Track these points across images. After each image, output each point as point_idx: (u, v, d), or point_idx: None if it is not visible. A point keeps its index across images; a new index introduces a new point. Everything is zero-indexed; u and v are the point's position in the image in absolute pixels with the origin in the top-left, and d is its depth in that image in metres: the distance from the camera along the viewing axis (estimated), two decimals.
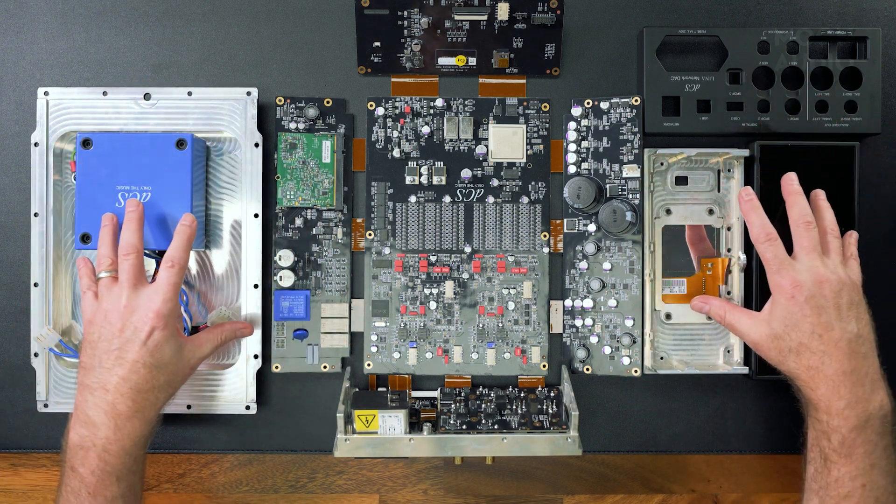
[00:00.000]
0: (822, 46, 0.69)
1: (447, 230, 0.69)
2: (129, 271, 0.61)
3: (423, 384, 0.70)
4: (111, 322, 0.60)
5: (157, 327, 0.60)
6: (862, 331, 0.59)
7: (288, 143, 0.68)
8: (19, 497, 0.71)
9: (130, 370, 0.59)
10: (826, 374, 0.58)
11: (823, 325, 0.59)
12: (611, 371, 0.69)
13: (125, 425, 0.59)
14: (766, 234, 0.61)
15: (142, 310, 0.60)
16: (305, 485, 0.71)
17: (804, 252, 0.60)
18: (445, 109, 0.69)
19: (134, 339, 0.59)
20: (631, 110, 0.68)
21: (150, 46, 0.70)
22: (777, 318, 0.60)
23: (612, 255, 0.68)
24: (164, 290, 0.61)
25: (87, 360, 0.60)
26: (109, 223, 0.64)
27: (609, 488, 0.71)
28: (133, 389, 0.59)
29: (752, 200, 0.63)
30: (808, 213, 0.62)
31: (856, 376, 0.58)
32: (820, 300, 0.59)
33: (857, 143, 0.67)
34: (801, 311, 0.59)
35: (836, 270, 0.60)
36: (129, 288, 0.61)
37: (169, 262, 0.62)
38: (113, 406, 0.59)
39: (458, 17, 0.67)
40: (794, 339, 0.59)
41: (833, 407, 0.58)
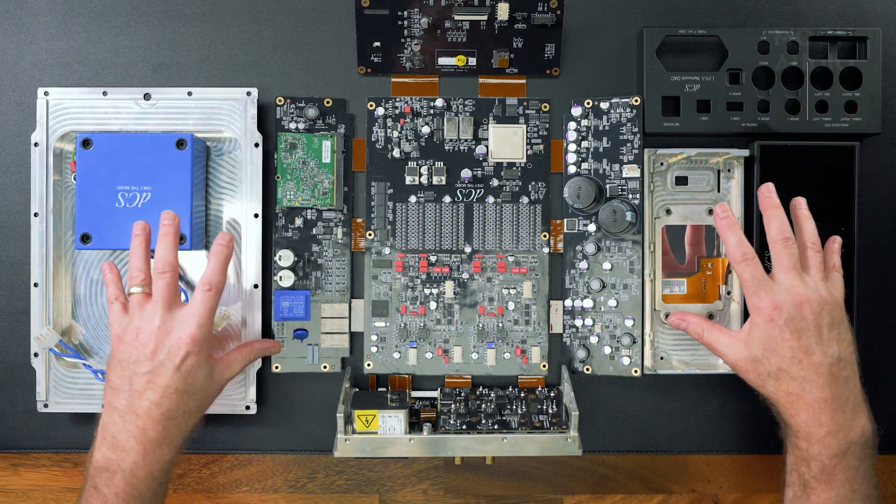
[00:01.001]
0: (822, 46, 0.69)
1: (447, 230, 0.69)
2: (164, 290, 0.59)
3: (423, 384, 0.70)
4: (143, 343, 0.58)
5: (191, 352, 0.58)
6: (843, 353, 0.58)
7: (288, 143, 0.68)
8: (19, 497, 0.71)
9: (162, 395, 0.57)
10: (806, 400, 0.57)
11: (804, 350, 0.57)
12: (611, 371, 0.69)
13: (154, 451, 0.57)
14: (742, 254, 0.59)
15: (176, 333, 0.58)
16: (305, 485, 0.71)
17: (783, 271, 0.58)
18: (445, 109, 0.69)
19: (167, 364, 0.57)
20: (631, 110, 0.68)
21: (150, 46, 0.70)
22: (756, 340, 0.58)
23: (612, 255, 0.68)
24: (200, 314, 0.59)
25: (116, 379, 0.58)
26: (142, 233, 0.61)
27: (609, 488, 0.71)
28: (164, 416, 0.57)
29: (727, 218, 0.60)
30: (786, 228, 0.59)
31: (837, 403, 0.56)
32: (800, 322, 0.57)
33: (857, 143, 0.67)
34: (781, 334, 0.57)
35: (818, 289, 0.58)
36: (164, 308, 0.59)
37: (206, 284, 0.60)
38: (143, 432, 0.57)
39: (458, 17, 0.67)
40: (774, 364, 0.57)
41: (813, 434, 0.56)
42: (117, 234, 0.65)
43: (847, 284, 0.66)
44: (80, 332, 0.69)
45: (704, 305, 0.69)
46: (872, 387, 0.70)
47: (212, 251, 0.62)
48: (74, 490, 0.71)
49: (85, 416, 0.69)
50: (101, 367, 0.68)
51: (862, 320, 0.68)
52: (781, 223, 0.60)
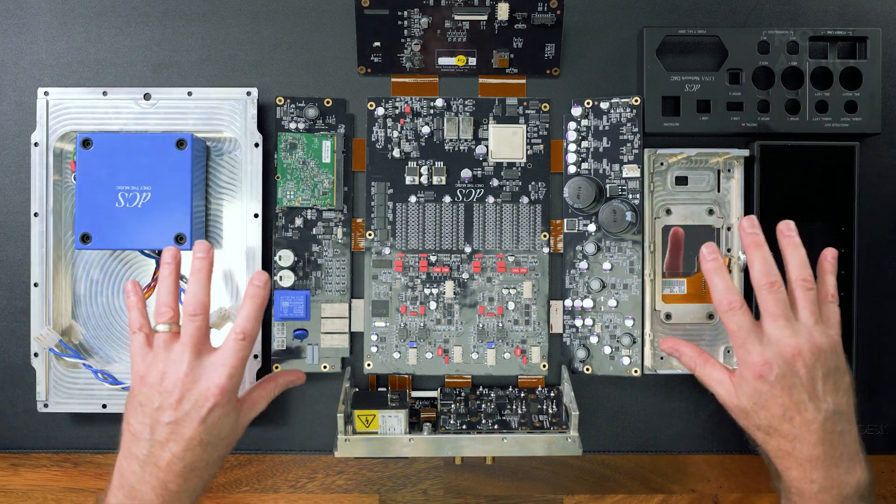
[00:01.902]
0: (822, 46, 0.69)
1: (447, 230, 0.69)
2: (194, 334, 0.56)
3: (423, 384, 0.70)
4: (168, 390, 0.55)
5: (218, 404, 0.55)
6: (839, 404, 0.55)
7: (288, 143, 0.68)
8: (19, 497, 0.71)
9: (186, 448, 0.54)
10: (797, 458, 0.54)
11: (795, 406, 0.54)
12: (611, 371, 0.69)
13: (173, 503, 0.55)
14: (728, 303, 0.56)
15: (204, 382, 0.55)
16: (305, 485, 0.71)
17: (771, 320, 0.55)
18: (445, 109, 0.69)
19: (192, 415, 0.55)
20: (631, 110, 0.68)
21: (150, 46, 0.70)
22: (744, 393, 0.56)
23: (612, 255, 0.68)
24: (231, 364, 0.56)
25: (136, 425, 0.55)
26: (172, 261, 0.58)
27: (609, 488, 0.71)
28: (186, 468, 0.55)
29: (715, 261, 0.58)
30: (771, 270, 0.56)
31: (830, 459, 0.54)
32: (791, 378, 0.54)
33: (857, 143, 0.67)
34: (771, 391, 0.54)
35: (811, 336, 0.55)
36: (193, 353, 0.56)
37: (241, 334, 0.56)
38: (164, 485, 0.55)
39: (458, 17, 0.67)
40: (763, 420, 0.55)
41: (806, 491, 0.55)
42: (117, 234, 0.65)
43: (847, 284, 0.66)
44: (80, 332, 0.69)
45: (704, 305, 0.69)
46: (873, 387, 0.70)
47: (247, 293, 0.58)
48: (74, 490, 0.71)
49: (85, 416, 0.69)
50: (101, 367, 0.68)
51: (862, 320, 0.68)
52: (765, 264, 0.57)
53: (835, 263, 0.60)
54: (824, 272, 0.60)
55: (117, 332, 0.69)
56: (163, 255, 0.59)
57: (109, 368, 0.68)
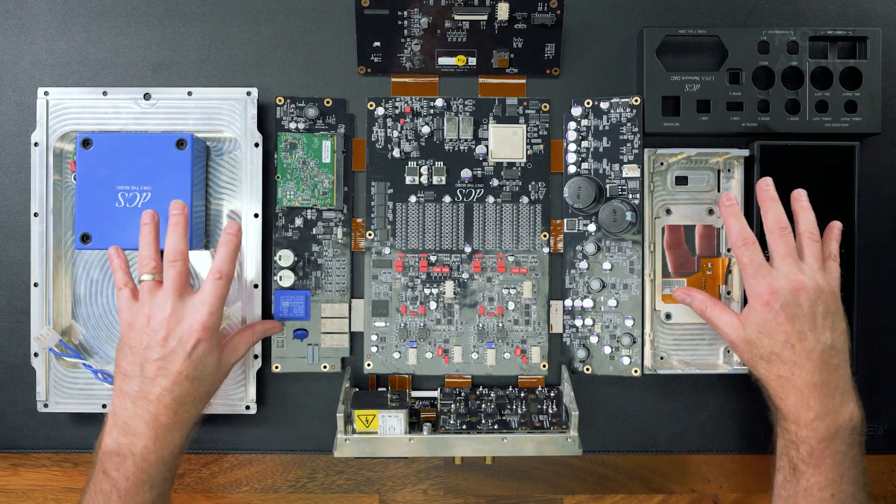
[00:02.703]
0: (822, 46, 0.69)
1: (447, 230, 0.69)
2: (175, 278, 0.60)
3: (423, 384, 0.70)
4: (154, 330, 0.59)
5: (202, 339, 0.59)
6: (836, 341, 0.58)
7: (288, 143, 0.68)
8: (19, 497, 0.71)
9: (174, 382, 0.58)
10: (796, 384, 0.58)
11: (797, 335, 0.58)
12: (611, 371, 0.69)
13: (165, 436, 0.58)
14: (743, 239, 0.60)
15: (187, 320, 0.59)
16: (305, 485, 0.71)
17: (780, 258, 0.60)
18: (445, 109, 0.69)
19: (178, 351, 0.58)
20: (631, 110, 0.68)
21: (150, 46, 0.70)
22: (751, 323, 0.59)
23: (612, 255, 0.68)
24: (211, 302, 0.60)
25: (126, 365, 0.59)
26: (150, 221, 0.62)
27: (609, 488, 0.71)
28: (175, 401, 0.58)
29: (732, 206, 0.62)
30: (783, 218, 0.61)
31: (826, 388, 0.57)
32: (795, 308, 0.58)
33: (857, 143, 0.67)
34: (776, 318, 0.58)
35: (815, 277, 0.59)
36: (175, 296, 0.60)
37: (217, 273, 0.61)
38: (155, 417, 0.58)
39: (458, 17, 0.67)
40: (766, 347, 0.59)
41: (802, 418, 0.57)
42: (117, 233, 0.65)
43: (847, 284, 0.66)
44: (80, 332, 0.69)
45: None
46: (872, 387, 0.70)
47: (221, 241, 0.63)
48: (75, 490, 0.71)
49: (85, 416, 0.69)
50: (101, 367, 0.68)
51: (862, 320, 0.68)
52: (778, 213, 0.61)
53: (839, 234, 0.64)
54: (830, 238, 0.63)
55: (117, 332, 0.69)
56: (142, 216, 0.62)
57: (109, 368, 0.68)
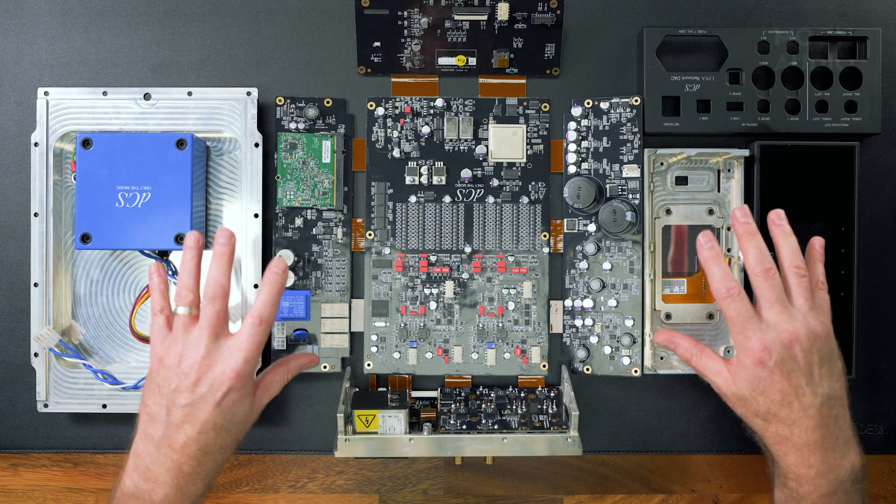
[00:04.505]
0: (822, 46, 0.69)
1: (447, 230, 0.69)
2: (213, 318, 0.57)
3: (423, 384, 0.70)
4: (185, 372, 0.56)
5: (233, 388, 0.56)
6: (833, 389, 0.56)
7: (288, 143, 0.68)
8: (19, 497, 0.71)
9: (201, 431, 0.55)
10: (795, 443, 0.55)
11: (794, 391, 0.55)
12: (611, 371, 0.69)
13: (187, 486, 0.56)
14: (727, 290, 0.57)
15: (220, 366, 0.56)
16: (305, 485, 0.71)
17: (768, 306, 0.56)
18: (445, 109, 0.69)
19: (208, 398, 0.55)
20: (631, 110, 0.68)
21: (150, 46, 0.70)
22: (743, 380, 0.56)
23: (612, 255, 0.68)
24: (247, 349, 0.56)
25: (153, 406, 0.56)
26: (195, 246, 0.59)
27: (609, 488, 0.71)
28: (201, 451, 0.55)
29: (712, 249, 0.58)
30: (765, 257, 0.57)
31: (827, 443, 0.55)
32: (790, 364, 0.55)
33: (857, 143, 0.67)
34: (770, 376, 0.55)
35: (807, 322, 0.56)
36: (210, 336, 0.56)
37: (257, 318, 0.57)
38: (178, 466, 0.55)
39: (458, 17, 0.67)
40: (762, 406, 0.56)
41: (803, 476, 0.55)
42: (117, 233, 0.65)
43: (847, 284, 0.67)
44: (80, 332, 0.69)
45: (704, 305, 0.69)
46: (872, 387, 0.70)
47: (265, 279, 0.59)
48: (74, 490, 0.71)
49: (85, 416, 0.69)
50: (101, 367, 0.68)
51: (862, 320, 0.69)
52: (759, 252, 0.57)
53: (822, 252, 0.61)
54: (813, 260, 0.60)
55: (117, 332, 0.69)
56: (186, 239, 0.60)
57: (109, 368, 0.68)
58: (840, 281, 0.67)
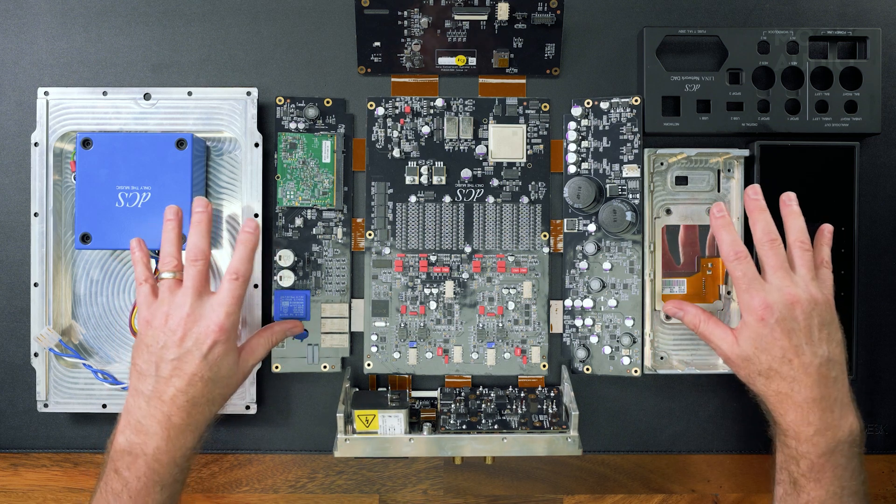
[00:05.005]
0: (822, 46, 0.69)
1: (447, 230, 0.69)
2: (195, 277, 0.60)
3: (423, 384, 0.70)
4: (172, 329, 0.58)
5: (219, 341, 0.58)
6: (833, 353, 0.58)
7: (288, 143, 0.68)
8: (19, 497, 0.71)
9: (189, 383, 0.58)
10: (795, 400, 0.57)
11: (794, 349, 0.57)
12: (611, 371, 0.69)
13: (178, 437, 0.58)
14: (734, 253, 0.59)
15: (205, 321, 0.59)
16: (305, 485, 0.71)
17: (772, 270, 0.59)
18: (445, 109, 0.69)
19: (194, 351, 0.58)
20: (631, 110, 0.68)
21: (150, 46, 0.70)
22: (746, 339, 0.59)
23: (612, 255, 0.68)
24: (228, 303, 0.59)
25: (142, 364, 0.59)
26: (174, 217, 0.62)
27: (609, 488, 0.71)
28: (189, 402, 0.58)
29: (723, 217, 0.61)
30: (772, 229, 0.60)
31: (825, 402, 0.57)
32: (791, 323, 0.57)
33: (857, 143, 0.67)
34: (772, 333, 0.57)
35: (808, 288, 0.58)
36: (194, 295, 0.59)
37: (234, 274, 0.60)
38: (168, 418, 0.57)
39: (458, 17, 0.67)
40: (764, 363, 0.58)
41: (802, 433, 0.57)
42: (117, 233, 0.65)
43: (847, 284, 0.67)
44: (80, 332, 0.69)
45: (704, 305, 0.69)
46: (872, 387, 0.70)
47: (238, 239, 0.62)
48: (74, 490, 0.71)
49: (85, 416, 0.69)
50: (101, 367, 0.68)
51: (862, 320, 0.69)
52: (766, 224, 0.60)
53: (830, 237, 0.63)
54: (821, 243, 0.63)
55: (117, 332, 0.69)
56: (165, 212, 0.62)
57: (109, 368, 0.68)
58: (840, 281, 0.67)
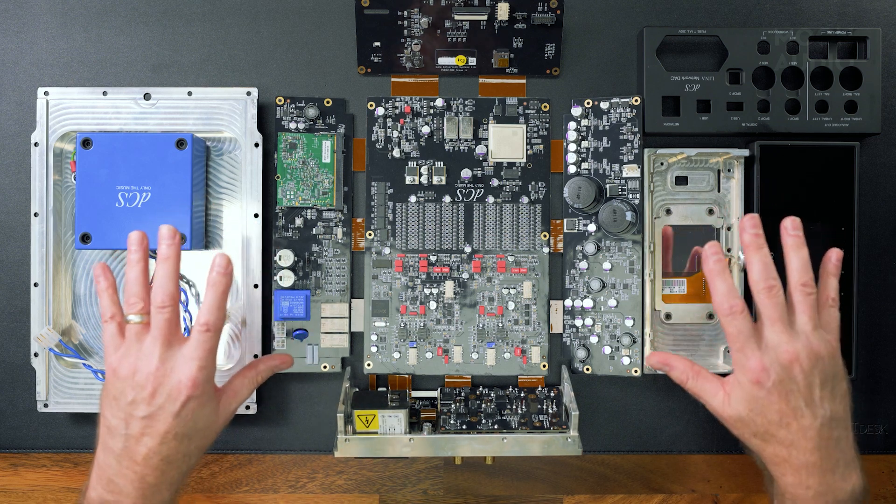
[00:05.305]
0: (822, 46, 0.69)
1: (447, 230, 0.69)
2: (163, 327, 0.55)
3: (423, 384, 0.70)
4: (140, 385, 0.54)
5: (192, 396, 0.54)
6: (836, 411, 0.54)
7: (288, 143, 0.68)
8: (19, 497, 0.71)
9: (161, 441, 0.54)
10: (794, 465, 0.54)
11: (792, 412, 0.54)
12: (611, 371, 0.69)
13: (153, 496, 0.55)
14: (729, 307, 0.56)
15: (176, 375, 0.55)
16: (305, 485, 0.71)
17: (770, 323, 0.55)
18: (445, 109, 0.69)
19: (167, 408, 0.54)
20: (631, 110, 0.68)
21: (150, 46, 0.70)
22: (740, 400, 0.55)
23: (612, 255, 0.68)
24: (199, 357, 0.55)
25: (111, 418, 0.55)
26: (139, 250, 0.57)
27: (609, 488, 0.71)
28: (163, 461, 0.54)
29: (718, 262, 0.57)
30: (770, 273, 0.55)
31: (826, 464, 0.54)
32: (789, 385, 0.54)
33: (857, 143, 0.67)
34: (768, 397, 0.54)
35: (809, 343, 0.54)
36: (163, 346, 0.55)
37: (204, 325, 0.56)
38: (142, 478, 0.54)
39: (458, 17, 0.67)
40: (760, 426, 0.55)
41: (799, 496, 0.54)
42: (117, 233, 0.65)
43: (847, 284, 0.66)
44: (80, 332, 0.69)
45: (704, 305, 0.69)
46: (873, 387, 0.70)
47: (208, 281, 0.58)
48: (74, 490, 0.71)
49: (85, 415, 0.69)
50: (101, 367, 0.68)
51: (862, 320, 0.69)
52: (764, 267, 0.56)
53: (839, 266, 0.59)
54: (827, 274, 0.59)
55: None
56: (129, 242, 0.57)
57: None
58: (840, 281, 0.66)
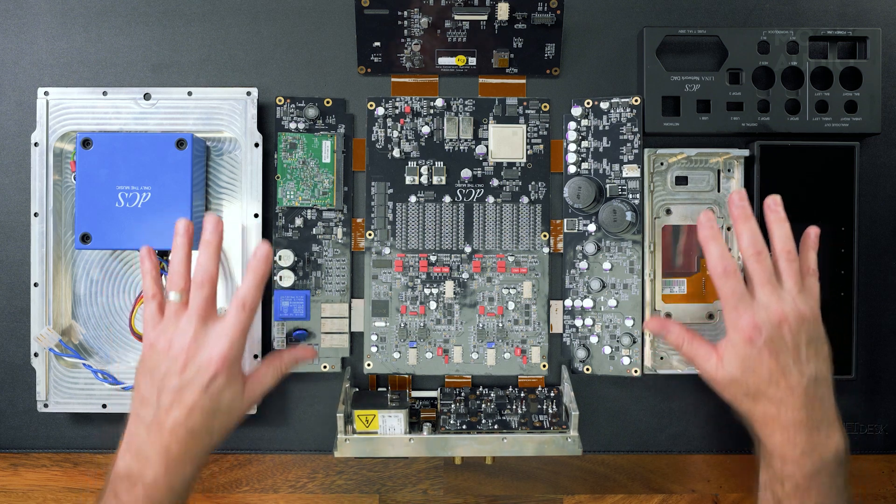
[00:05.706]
0: (822, 46, 0.69)
1: (447, 230, 0.69)
2: (201, 304, 0.58)
3: (423, 384, 0.70)
4: (174, 357, 0.57)
5: (220, 372, 0.57)
6: (820, 371, 0.57)
7: (288, 143, 0.68)
8: (19, 497, 0.71)
9: (188, 414, 0.56)
10: (782, 422, 0.56)
11: (781, 370, 0.56)
12: (611, 371, 0.69)
13: (176, 467, 0.56)
14: (723, 268, 0.58)
15: (207, 351, 0.57)
16: (305, 485, 0.71)
17: (759, 286, 0.57)
18: (445, 109, 0.69)
19: (195, 382, 0.56)
20: (631, 110, 0.68)
21: (150, 46, 0.70)
22: (732, 361, 0.57)
23: (612, 255, 0.68)
24: (232, 334, 0.58)
25: (144, 390, 0.58)
26: (185, 233, 0.60)
27: (609, 488, 0.71)
28: (188, 434, 0.56)
29: (711, 229, 0.59)
30: (757, 240, 0.58)
31: (812, 423, 0.56)
32: (778, 343, 0.56)
33: (857, 143, 0.67)
34: (759, 356, 0.56)
35: (795, 304, 0.57)
36: (199, 321, 0.58)
37: (241, 302, 0.58)
38: (167, 449, 0.56)
39: (458, 17, 0.67)
40: (751, 384, 0.57)
41: (788, 455, 0.56)
42: (117, 233, 0.65)
43: (847, 284, 0.67)
44: (80, 332, 0.69)
45: (704, 305, 0.69)
46: (873, 387, 0.70)
47: (249, 265, 0.60)
48: (74, 490, 0.71)
49: (85, 416, 0.69)
50: (101, 367, 0.68)
51: (862, 320, 0.69)
52: (752, 235, 0.59)
53: (816, 241, 0.61)
54: (807, 248, 0.61)
55: (117, 332, 0.69)
56: (176, 226, 0.61)
57: (109, 368, 0.68)
58: (840, 281, 0.67)
